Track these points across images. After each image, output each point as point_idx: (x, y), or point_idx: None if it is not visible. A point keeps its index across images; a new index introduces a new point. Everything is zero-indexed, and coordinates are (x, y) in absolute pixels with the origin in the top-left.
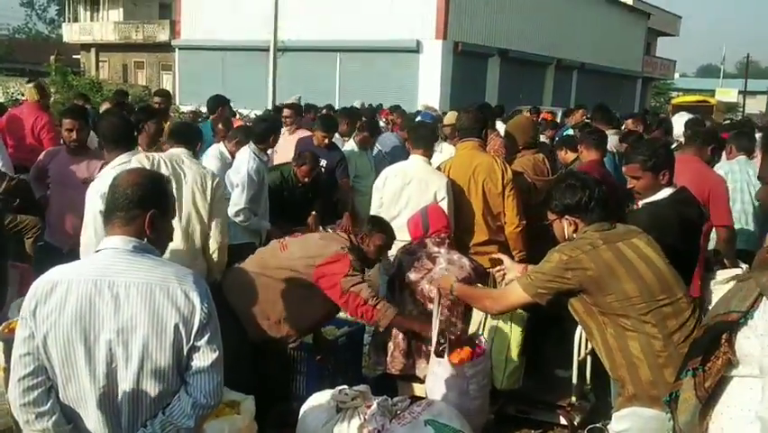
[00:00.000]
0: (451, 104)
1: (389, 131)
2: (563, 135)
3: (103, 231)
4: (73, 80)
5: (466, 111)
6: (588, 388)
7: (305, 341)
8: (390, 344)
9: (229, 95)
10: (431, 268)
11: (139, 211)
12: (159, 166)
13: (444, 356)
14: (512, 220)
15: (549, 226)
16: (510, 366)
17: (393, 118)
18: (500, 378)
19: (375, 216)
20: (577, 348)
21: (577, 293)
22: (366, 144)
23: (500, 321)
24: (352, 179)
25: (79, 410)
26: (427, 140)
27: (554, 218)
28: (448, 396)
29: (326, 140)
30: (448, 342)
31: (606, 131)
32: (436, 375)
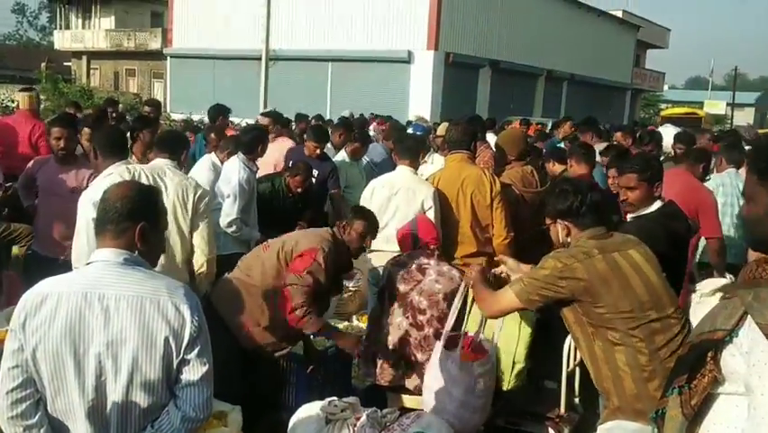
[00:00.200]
0: (442, 114)
1: (380, 141)
2: (552, 147)
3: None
4: (64, 88)
5: (455, 123)
6: (577, 399)
7: (294, 351)
8: (380, 355)
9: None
10: (420, 279)
11: (129, 224)
12: (139, 178)
13: (457, 350)
14: (500, 232)
15: (547, 230)
16: (518, 367)
17: (385, 128)
18: (508, 378)
19: (357, 206)
20: (566, 359)
21: (569, 303)
22: (357, 155)
23: (509, 321)
24: (343, 189)
25: (68, 423)
26: (413, 151)
27: (550, 222)
28: (453, 391)
29: (318, 150)
30: (463, 337)
31: (594, 145)
32: (443, 368)
